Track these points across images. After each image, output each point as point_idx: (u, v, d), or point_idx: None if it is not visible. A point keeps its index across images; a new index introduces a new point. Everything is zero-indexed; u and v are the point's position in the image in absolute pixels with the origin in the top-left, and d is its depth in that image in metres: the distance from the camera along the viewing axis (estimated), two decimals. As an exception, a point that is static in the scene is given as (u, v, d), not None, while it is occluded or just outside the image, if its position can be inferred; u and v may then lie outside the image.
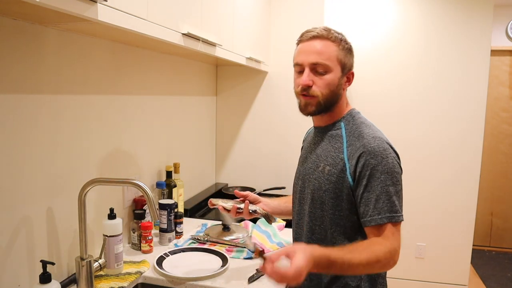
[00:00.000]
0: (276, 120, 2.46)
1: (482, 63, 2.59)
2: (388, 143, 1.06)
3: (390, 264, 0.99)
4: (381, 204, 1.00)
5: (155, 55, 1.73)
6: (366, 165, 1.02)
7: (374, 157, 1.02)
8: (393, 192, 1.01)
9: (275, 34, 2.42)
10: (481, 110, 2.63)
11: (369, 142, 1.04)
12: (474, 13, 2.55)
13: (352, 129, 1.10)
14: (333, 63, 1.08)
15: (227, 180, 2.58)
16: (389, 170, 1.02)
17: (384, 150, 1.03)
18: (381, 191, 1.01)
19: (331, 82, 1.08)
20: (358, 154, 1.04)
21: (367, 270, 1.00)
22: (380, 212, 1.00)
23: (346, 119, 1.14)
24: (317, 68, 1.08)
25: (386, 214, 1.00)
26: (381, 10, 2.66)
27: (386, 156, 1.02)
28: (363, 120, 1.14)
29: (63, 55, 1.19)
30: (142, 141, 1.67)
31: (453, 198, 2.73)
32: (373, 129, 1.10)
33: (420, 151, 2.74)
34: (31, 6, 0.78)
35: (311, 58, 1.08)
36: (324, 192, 1.09)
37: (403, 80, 2.70)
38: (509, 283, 3.20)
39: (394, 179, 1.02)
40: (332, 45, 1.08)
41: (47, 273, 1.03)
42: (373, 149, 1.02)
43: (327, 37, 1.08)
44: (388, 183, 1.01)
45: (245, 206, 1.26)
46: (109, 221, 1.27)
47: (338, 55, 1.08)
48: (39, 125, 1.11)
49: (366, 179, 1.02)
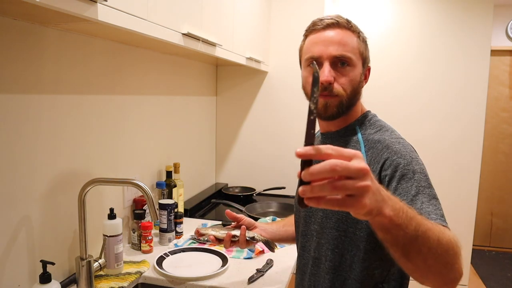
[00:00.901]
0: (276, 120, 2.46)
1: (482, 63, 2.59)
2: (411, 145, 0.91)
3: (458, 259, 0.69)
4: (420, 205, 0.78)
5: (155, 55, 1.73)
6: (394, 166, 0.84)
7: (403, 157, 0.84)
8: (432, 194, 0.80)
9: (275, 34, 2.42)
10: (481, 110, 2.63)
11: (392, 143, 0.88)
12: (474, 13, 2.55)
13: (369, 134, 0.94)
14: (356, 56, 0.93)
15: (227, 180, 2.58)
16: (422, 171, 0.83)
17: (411, 152, 0.87)
18: (417, 191, 0.80)
19: (354, 78, 0.93)
20: (383, 156, 0.86)
21: (440, 245, 0.66)
22: (420, 212, 0.72)
23: (360, 122, 0.98)
24: (339, 62, 0.91)
25: (431, 215, 0.75)
26: (381, 10, 2.66)
27: (416, 157, 0.86)
28: (383, 123, 0.98)
29: (63, 55, 1.19)
30: (142, 141, 1.67)
31: (453, 198, 2.73)
32: (394, 132, 0.95)
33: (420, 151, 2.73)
34: (31, 6, 0.78)
35: (332, 49, 0.90)
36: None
37: (402, 80, 2.70)
38: (509, 283, 3.20)
39: (430, 181, 0.83)
40: (352, 35, 0.93)
41: (47, 273, 1.03)
42: (399, 150, 0.86)
43: (347, 27, 0.93)
44: (424, 184, 0.81)
45: (241, 233, 1.05)
46: (109, 221, 1.27)
47: (360, 47, 0.94)
48: (39, 125, 1.11)
49: (396, 180, 0.82)
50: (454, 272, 0.69)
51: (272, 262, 1.39)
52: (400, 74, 2.70)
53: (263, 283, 1.26)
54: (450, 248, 0.67)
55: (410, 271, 0.69)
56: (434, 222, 0.71)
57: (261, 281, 1.27)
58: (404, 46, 2.67)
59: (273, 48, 2.44)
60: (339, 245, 0.91)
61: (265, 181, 2.48)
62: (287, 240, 1.21)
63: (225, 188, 2.46)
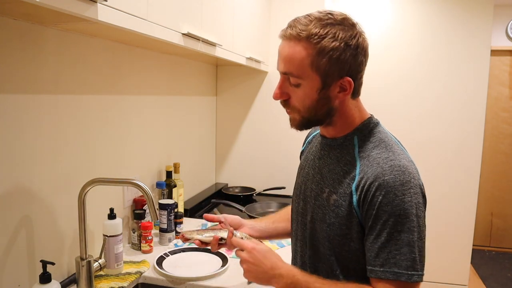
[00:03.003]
0: (276, 120, 2.46)
1: (482, 63, 2.59)
2: (413, 174, 0.81)
3: None
4: (386, 255, 0.78)
5: (155, 55, 1.73)
6: (373, 203, 0.80)
7: (385, 194, 0.79)
8: (406, 241, 0.77)
9: (275, 34, 2.42)
10: (481, 110, 2.63)
11: (383, 172, 0.80)
12: (474, 13, 2.55)
13: (366, 149, 0.87)
14: (306, 72, 0.82)
15: (227, 180, 2.58)
16: (403, 212, 0.78)
17: (401, 185, 0.79)
18: (388, 239, 0.78)
19: (306, 96, 0.85)
20: (366, 185, 0.81)
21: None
22: (383, 264, 0.78)
23: (361, 133, 0.89)
24: (289, 78, 0.85)
25: (392, 268, 0.77)
26: (381, 10, 2.66)
27: (402, 194, 0.78)
28: (383, 136, 0.88)
29: (63, 55, 1.19)
30: (142, 141, 1.67)
31: (453, 198, 2.73)
32: (394, 151, 0.84)
33: (420, 151, 2.73)
34: (31, 6, 0.78)
35: (280, 66, 0.86)
36: (328, 226, 0.88)
37: (402, 80, 2.70)
38: (509, 283, 3.20)
39: (410, 223, 0.78)
40: (305, 48, 0.81)
41: (47, 273, 1.03)
42: (386, 182, 0.79)
43: (298, 37, 0.81)
44: (399, 229, 0.78)
45: (229, 236, 1.01)
46: (109, 221, 1.27)
47: (313, 62, 0.81)
48: (39, 125, 1.11)
49: (371, 220, 0.80)
50: None
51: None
52: (400, 74, 2.70)
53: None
54: None
55: None
56: (355, 285, 0.83)
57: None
58: (403, 46, 2.67)
59: (273, 48, 2.44)
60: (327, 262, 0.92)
61: (265, 181, 2.48)
62: (277, 236, 1.19)
63: (225, 188, 2.46)
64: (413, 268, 0.77)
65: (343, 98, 0.86)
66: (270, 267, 0.88)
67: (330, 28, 0.80)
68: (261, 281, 0.90)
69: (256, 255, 0.90)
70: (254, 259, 0.90)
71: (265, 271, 0.88)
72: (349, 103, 0.89)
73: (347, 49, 0.81)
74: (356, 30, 0.83)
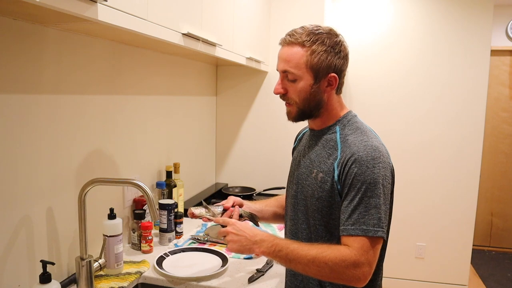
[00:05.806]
0: (276, 120, 2.46)
1: (482, 63, 2.59)
2: (382, 153, 1.00)
3: (346, 276, 0.94)
4: (357, 215, 0.95)
5: (155, 55, 1.73)
6: (349, 174, 0.98)
7: (359, 166, 0.97)
8: (374, 204, 0.95)
9: (275, 34, 2.42)
10: (481, 110, 2.63)
11: (358, 150, 0.99)
12: (474, 13, 2.55)
13: (346, 135, 1.05)
14: (301, 70, 1.03)
15: (227, 180, 2.58)
16: (373, 180, 0.95)
17: (372, 159, 0.97)
18: (359, 202, 0.95)
19: (301, 90, 1.05)
20: (345, 161, 1.00)
21: (315, 270, 0.96)
22: (354, 223, 0.95)
23: (341, 123, 1.09)
24: (287, 75, 1.06)
25: (362, 226, 0.94)
26: (381, 10, 2.66)
27: (372, 166, 0.96)
28: (359, 125, 1.08)
29: (63, 55, 1.19)
30: (142, 141, 1.67)
31: (453, 198, 2.74)
32: (368, 135, 1.04)
33: (420, 151, 2.74)
34: (31, 6, 0.78)
35: (280, 65, 1.07)
36: (317, 200, 1.05)
37: (402, 80, 2.70)
38: (509, 283, 3.20)
39: (378, 190, 0.96)
40: (301, 50, 1.03)
41: (47, 273, 1.03)
42: (360, 157, 0.97)
43: (295, 42, 1.04)
44: (369, 194, 0.95)
45: (235, 213, 1.23)
46: (109, 221, 1.27)
47: (307, 61, 1.02)
48: (39, 125, 1.11)
49: (347, 188, 0.98)
50: (346, 277, 0.94)
51: (272, 262, 1.39)
52: (400, 74, 2.70)
53: (263, 283, 1.26)
54: (326, 264, 0.94)
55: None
56: (327, 245, 0.99)
57: (261, 281, 1.27)
58: (403, 46, 2.67)
59: (273, 48, 2.44)
60: (318, 231, 1.07)
61: (265, 181, 2.48)
62: (270, 219, 1.35)
63: (225, 188, 2.46)
64: (379, 225, 0.95)
65: (330, 91, 1.07)
66: (252, 234, 1.05)
67: (319, 36, 1.03)
68: (244, 248, 1.06)
69: (238, 226, 1.09)
70: (237, 230, 1.07)
71: (248, 238, 1.05)
72: (333, 98, 1.09)
73: (332, 52, 1.03)
74: (339, 38, 1.06)
